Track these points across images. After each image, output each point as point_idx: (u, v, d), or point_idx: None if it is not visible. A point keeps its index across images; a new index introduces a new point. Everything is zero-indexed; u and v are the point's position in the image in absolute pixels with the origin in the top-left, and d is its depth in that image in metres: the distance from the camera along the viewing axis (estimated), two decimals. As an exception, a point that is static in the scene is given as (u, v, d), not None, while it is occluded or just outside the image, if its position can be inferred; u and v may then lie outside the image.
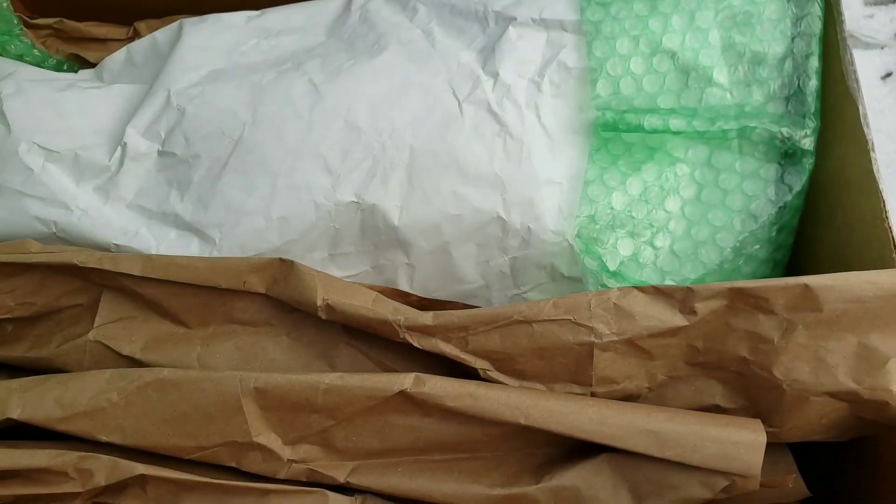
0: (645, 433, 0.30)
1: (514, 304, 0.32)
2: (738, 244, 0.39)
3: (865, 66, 0.59)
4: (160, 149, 0.38)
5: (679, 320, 0.31)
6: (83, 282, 0.36)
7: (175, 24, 0.45)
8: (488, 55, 0.39)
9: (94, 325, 0.36)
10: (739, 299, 0.31)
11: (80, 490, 0.32)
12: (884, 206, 0.35)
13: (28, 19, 0.52)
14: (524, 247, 0.38)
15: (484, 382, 0.32)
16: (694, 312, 0.31)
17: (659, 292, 0.32)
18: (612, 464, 0.31)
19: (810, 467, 0.37)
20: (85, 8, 0.53)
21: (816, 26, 0.40)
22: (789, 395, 0.31)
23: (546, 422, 0.30)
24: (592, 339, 0.31)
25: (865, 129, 0.37)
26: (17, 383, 0.34)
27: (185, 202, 0.37)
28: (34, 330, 0.37)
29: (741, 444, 0.29)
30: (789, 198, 0.39)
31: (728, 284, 0.31)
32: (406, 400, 0.31)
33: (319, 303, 0.33)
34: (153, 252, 0.37)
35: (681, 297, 0.31)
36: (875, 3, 0.63)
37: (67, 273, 0.36)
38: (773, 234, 0.39)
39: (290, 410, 0.32)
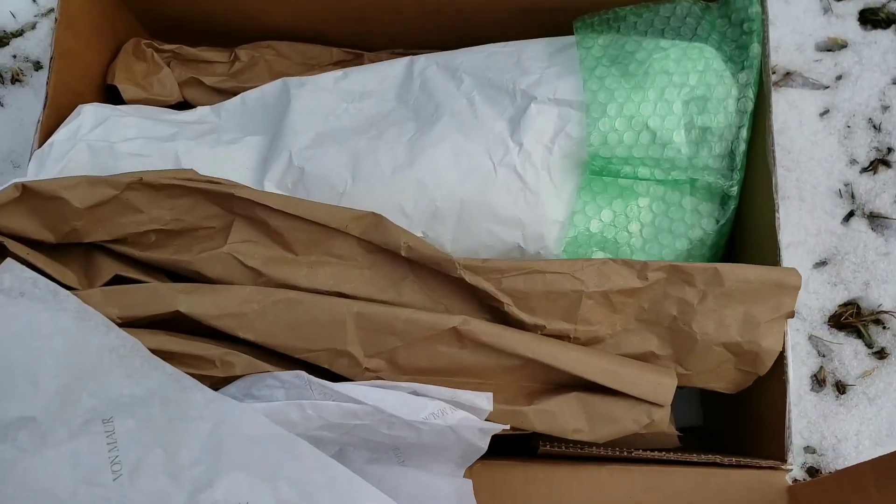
0: (606, 372, 0.46)
1: (535, 260, 0.47)
2: (677, 258, 0.55)
3: (808, 104, 0.70)
4: (289, 197, 0.52)
5: (636, 283, 0.47)
6: (222, 210, 0.46)
7: (280, 83, 0.57)
8: (515, 126, 0.53)
9: (227, 242, 0.46)
10: (675, 273, 0.48)
11: (222, 376, 0.42)
12: (778, 248, 0.50)
13: (157, 45, 0.63)
14: (535, 265, 0.54)
15: (508, 327, 0.45)
16: (646, 278, 0.47)
17: (625, 263, 0.48)
18: (579, 399, 0.46)
19: (709, 406, 0.56)
20: (192, 32, 0.65)
21: (749, 106, 0.54)
22: (700, 344, 0.48)
23: (544, 357, 0.45)
24: (582, 288, 0.47)
25: (775, 195, 0.51)
26: (180, 286, 0.44)
27: (308, 236, 0.52)
28: (175, 241, 0.46)
29: (662, 384, 0.47)
30: (716, 227, 0.55)
31: (669, 263, 0.48)
32: (454, 334, 0.44)
33: (403, 244, 0.45)
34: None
35: (639, 267, 0.47)
36: (824, 50, 0.73)
37: (214, 202, 0.46)
38: (705, 251, 0.55)
39: (375, 331, 0.44)
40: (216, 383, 0.42)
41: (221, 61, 0.64)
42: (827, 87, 0.71)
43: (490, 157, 0.52)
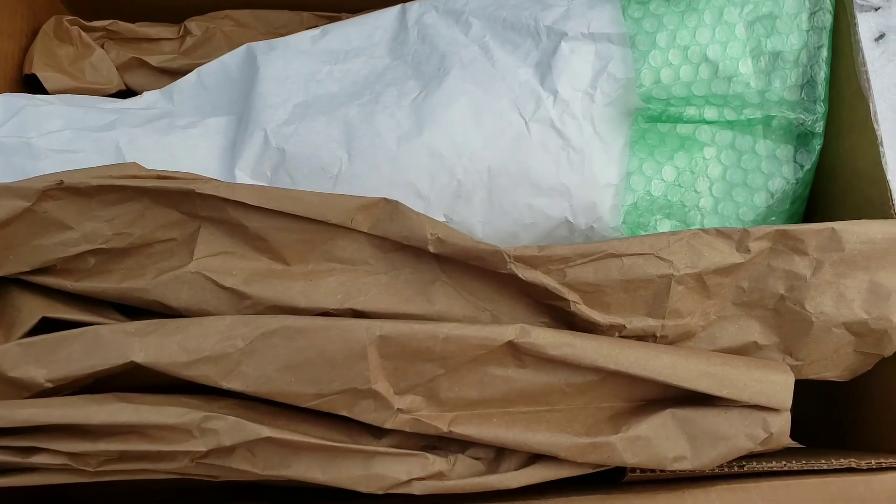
0: (707, 375, 0.35)
1: (606, 241, 0.36)
2: (757, 217, 0.44)
3: (860, 29, 0.60)
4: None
5: (736, 258, 0.36)
6: (182, 215, 0.35)
7: (242, 50, 0.45)
8: (545, 71, 0.41)
9: (194, 258, 0.34)
10: (781, 241, 0.37)
11: (204, 450, 0.31)
12: (890, 195, 0.39)
13: (84, 23, 0.51)
14: (588, 241, 0.42)
15: (578, 333, 0.36)
16: (748, 251, 0.36)
17: (720, 233, 0.36)
18: (675, 417, 0.37)
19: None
20: (130, 10, 0.52)
21: (827, 20, 0.43)
22: (816, 327, 0.37)
23: (632, 367, 0.35)
24: (671, 271, 0.36)
25: (875, 125, 0.41)
26: (132, 327, 0.32)
27: (298, 234, 0.40)
28: (122, 263, 0.35)
29: (776, 382, 0.36)
30: (801, 174, 0.44)
31: (774, 227, 0.37)
32: (509, 350, 0.34)
33: (429, 236, 0.34)
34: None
35: (738, 238, 0.36)
36: None
37: (169, 205, 0.35)
38: (787, 205, 0.44)
39: (408, 358, 0.33)
40: (197, 458, 0.30)
41: (169, 37, 0.52)
42: (878, 8, 0.61)
43: (519, 112, 0.41)
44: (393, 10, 0.46)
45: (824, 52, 0.43)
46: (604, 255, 0.35)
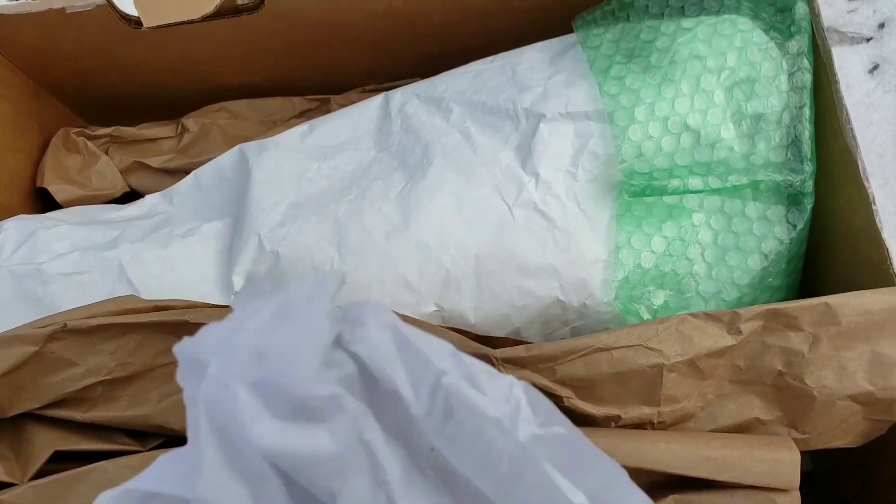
0: (707, 460, 0.35)
1: (594, 335, 0.36)
2: (753, 280, 0.44)
3: (852, 62, 0.60)
4: (266, 291, 0.42)
5: (728, 340, 0.36)
6: (179, 339, 0.39)
7: (235, 152, 0.47)
8: (526, 154, 0.42)
9: None
10: (773, 318, 0.36)
11: None
12: (888, 253, 0.39)
13: (89, 132, 0.53)
14: (582, 318, 0.43)
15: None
16: (739, 332, 0.36)
17: (709, 317, 0.36)
18: None
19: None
20: (133, 110, 0.55)
21: (807, 79, 0.43)
22: (819, 401, 0.36)
23: (630, 459, 0.35)
24: (662, 360, 0.35)
25: (865, 182, 0.40)
26: (135, 460, 0.33)
27: (297, 333, 0.41)
28: (127, 390, 0.36)
29: (782, 461, 0.36)
30: (794, 234, 0.43)
31: (765, 307, 0.36)
32: None
33: None
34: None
35: (727, 320, 0.36)
36: None
37: (167, 333, 0.37)
38: (783, 265, 0.44)
39: None
40: None
41: (167, 136, 0.54)
42: (870, 39, 0.60)
43: (502, 198, 0.41)
44: (377, 100, 0.47)
45: (806, 112, 0.43)
46: (592, 351, 0.35)
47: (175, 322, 0.34)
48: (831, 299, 0.36)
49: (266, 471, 0.18)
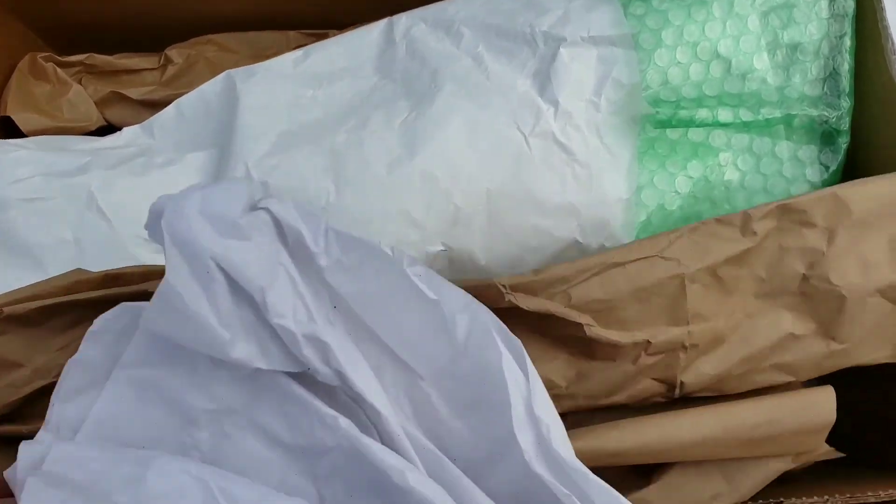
0: (740, 444, 0.32)
1: (605, 252, 0.33)
2: (785, 226, 0.41)
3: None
4: (254, 225, 0.38)
5: (744, 243, 0.34)
6: None
7: (222, 78, 0.43)
8: (544, 81, 0.38)
9: None
10: (786, 216, 0.34)
11: None
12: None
13: (59, 58, 0.48)
14: (597, 261, 0.39)
15: (594, 429, 0.33)
16: (754, 233, 0.34)
17: (720, 222, 0.34)
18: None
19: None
20: (109, 41, 0.50)
21: (850, 6, 0.39)
22: (850, 301, 0.34)
23: (659, 444, 0.32)
24: (682, 270, 0.33)
25: (911, 117, 0.37)
26: None
27: (288, 272, 0.37)
28: None
29: (818, 404, 0.33)
30: (826, 176, 0.40)
31: (774, 203, 0.34)
32: None
33: None
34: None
35: (740, 222, 0.34)
36: None
37: None
38: (816, 210, 0.41)
39: None
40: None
41: (149, 68, 0.50)
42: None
43: (518, 127, 0.38)
44: (379, 25, 0.43)
45: (847, 42, 0.39)
46: (606, 267, 0.32)
47: (133, 294, 0.30)
48: (839, 189, 0.34)
49: (213, 270, 0.25)
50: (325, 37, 0.51)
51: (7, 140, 0.41)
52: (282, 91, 0.41)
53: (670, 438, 0.32)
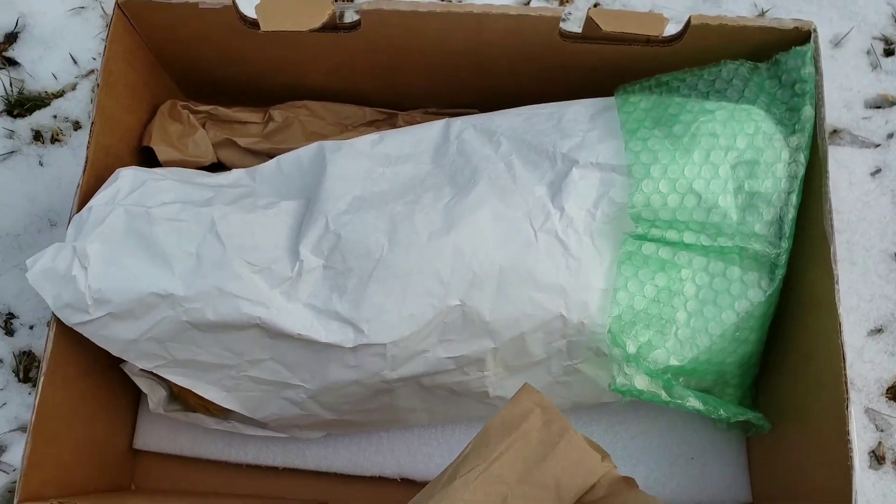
0: None
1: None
2: (725, 331, 0.52)
3: (858, 163, 0.67)
4: (324, 263, 0.50)
5: None
6: None
7: (315, 147, 0.56)
8: (556, 191, 0.51)
9: None
10: None
11: None
12: (839, 326, 0.47)
13: (193, 107, 0.63)
14: (578, 334, 0.51)
15: None
16: None
17: None
18: None
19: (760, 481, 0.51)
20: (228, 94, 0.64)
21: (800, 171, 0.51)
22: None
23: None
24: None
25: (834, 265, 0.48)
26: None
27: (343, 303, 0.50)
28: None
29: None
30: (763, 298, 0.51)
31: None
32: None
33: None
34: (322, 340, 0.50)
35: None
36: (874, 107, 0.70)
37: None
38: (752, 322, 0.52)
39: None
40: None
41: (255, 122, 0.64)
42: (878, 146, 0.68)
43: (530, 223, 0.50)
44: (439, 124, 0.56)
45: (794, 198, 0.51)
46: None
47: None
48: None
49: None
50: (394, 117, 0.65)
51: (154, 170, 0.55)
52: (359, 165, 0.54)
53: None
